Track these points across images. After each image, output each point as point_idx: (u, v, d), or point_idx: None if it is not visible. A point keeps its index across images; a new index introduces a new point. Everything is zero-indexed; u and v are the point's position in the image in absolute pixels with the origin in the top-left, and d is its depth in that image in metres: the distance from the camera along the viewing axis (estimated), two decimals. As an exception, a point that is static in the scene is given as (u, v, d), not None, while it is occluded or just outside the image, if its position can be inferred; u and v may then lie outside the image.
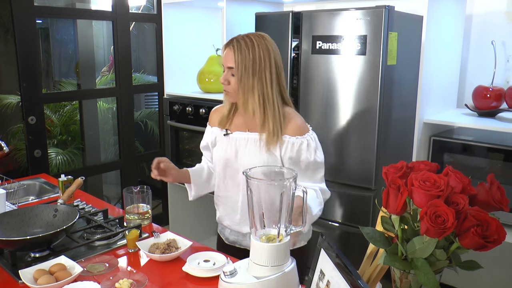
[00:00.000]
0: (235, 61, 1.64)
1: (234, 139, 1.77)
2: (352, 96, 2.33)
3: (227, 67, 1.68)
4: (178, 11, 3.43)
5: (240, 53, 1.64)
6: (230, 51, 1.66)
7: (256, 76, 1.65)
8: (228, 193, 1.83)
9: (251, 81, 1.65)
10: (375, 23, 2.18)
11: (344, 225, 2.48)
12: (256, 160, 1.69)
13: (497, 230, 0.87)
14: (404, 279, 1.02)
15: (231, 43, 1.67)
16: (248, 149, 1.74)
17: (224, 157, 1.78)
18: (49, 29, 5.07)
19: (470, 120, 2.40)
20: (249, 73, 1.64)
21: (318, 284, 1.12)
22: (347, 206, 2.46)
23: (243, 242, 1.86)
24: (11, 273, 1.52)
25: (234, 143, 1.77)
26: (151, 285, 1.48)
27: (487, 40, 2.59)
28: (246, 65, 1.63)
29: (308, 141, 1.71)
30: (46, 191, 2.45)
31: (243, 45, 1.64)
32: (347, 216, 2.47)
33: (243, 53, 1.64)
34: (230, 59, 1.66)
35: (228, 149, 1.78)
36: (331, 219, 2.52)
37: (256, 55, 1.64)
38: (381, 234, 1.06)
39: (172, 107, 3.38)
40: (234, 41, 1.66)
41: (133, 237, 1.72)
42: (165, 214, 3.88)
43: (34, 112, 3.14)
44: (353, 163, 2.39)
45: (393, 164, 1.03)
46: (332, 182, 2.49)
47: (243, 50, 1.64)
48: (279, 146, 1.70)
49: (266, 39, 1.68)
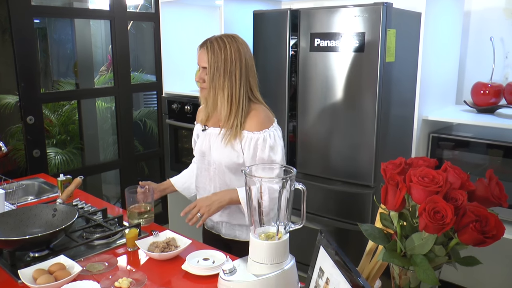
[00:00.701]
0: (208, 61, 1.76)
1: (209, 134, 1.90)
2: (350, 94, 2.33)
3: (202, 66, 1.80)
4: (176, 10, 3.42)
5: (213, 53, 1.75)
6: (204, 52, 1.78)
7: (227, 76, 1.76)
8: (204, 184, 1.96)
9: (222, 80, 1.76)
10: (373, 20, 2.18)
11: (343, 222, 2.48)
12: (221, 154, 1.83)
13: (496, 226, 0.87)
14: (403, 276, 1.02)
15: (205, 44, 1.79)
16: (216, 143, 1.86)
17: (201, 151, 1.92)
18: (46, 29, 5.06)
19: (469, 116, 2.40)
20: (220, 73, 1.75)
21: (318, 281, 1.12)
22: (346, 204, 2.46)
23: (216, 228, 2.01)
24: (10, 273, 1.52)
25: (209, 138, 1.90)
26: (151, 283, 1.48)
27: (485, 36, 2.59)
28: (218, 65, 1.75)
29: (265, 137, 1.78)
30: (45, 191, 2.45)
31: (215, 47, 1.76)
32: (346, 213, 2.47)
33: (216, 54, 1.75)
34: (204, 59, 1.78)
35: (204, 143, 1.91)
36: (329, 216, 2.52)
37: (228, 56, 1.75)
38: (380, 230, 1.06)
39: (170, 105, 3.38)
40: (208, 42, 1.79)
41: (132, 236, 1.72)
42: (164, 213, 3.88)
43: (32, 112, 3.14)
44: (352, 160, 2.39)
45: (392, 161, 1.03)
46: (330, 179, 2.49)
47: (215, 51, 1.75)
48: (239, 141, 1.80)
49: (238, 41, 1.80)
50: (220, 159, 1.83)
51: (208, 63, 1.76)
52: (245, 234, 1.92)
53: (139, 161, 4.45)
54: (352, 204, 2.44)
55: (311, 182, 2.51)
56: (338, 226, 2.50)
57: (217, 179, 1.89)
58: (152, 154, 4.40)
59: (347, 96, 2.34)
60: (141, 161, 4.65)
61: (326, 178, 2.50)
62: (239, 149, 1.80)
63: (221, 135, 1.83)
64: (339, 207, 2.49)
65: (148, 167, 4.79)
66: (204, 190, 1.96)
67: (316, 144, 2.51)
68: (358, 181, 2.39)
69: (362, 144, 2.33)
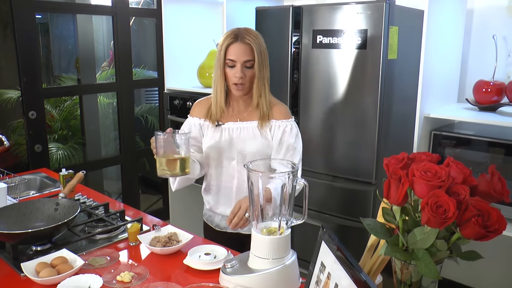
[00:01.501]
0: (256, 54, 1.72)
1: (226, 129, 1.85)
2: (352, 91, 2.33)
3: (243, 61, 1.72)
4: (178, 6, 3.42)
5: (256, 44, 1.72)
6: (247, 45, 1.72)
7: (266, 66, 1.78)
8: (221, 181, 1.90)
9: (265, 71, 1.77)
10: (375, 17, 2.18)
11: (344, 219, 2.48)
12: (253, 145, 1.81)
13: (498, 220, 0.87)
14: (405, 270, 1.03)
15: (244, 37, 1.72)
16: (243, 136, 1.83)
17: (218, 147, 1.85)
18: (48, 24, 5.06)
19: (471, 114, 2.40)
20: (264, 63, 1.76)
21: (319, 276, 1.12)
22: (347, 201, 2.47)
23: None
24: (13, 266, 1.53)
25: (228, 133, 1.85)
26: (152, 278, 1.48)
27: (488, 34, 2.59)
28: (263, 56, 1.74)
29: (292, 125, 1.83)
30: (47, 185, 2.45)
31: (255, 39, 1.73)
32: (347, 210, 2.47)
33: (259, 45, 1.73)
34: (247, 53, 1.72)
35: (222, 138, 1.85)
36: (331, 213, 2.52)
37: (263, 45, 1.76)
38: (382, 225, 1.06)
39: (172, 101, 3.38)
40: (246, 35, 1.72)
41: (134, 230, 1.72)
42: (165, 209, 3.89)
43: (34, 107, 3.14)
44: (353, 157, 2.39)
45: (394, 156, 1.03)
46: (332, 176, 2.49)
47: (257, 42, 1.73)
48: (269, 129, 1.82)
49: None
50: (251, 151, 1.81)
51: (257, 55, 1.72)
52: None
53: (141, 157, 4.46)
54: (354, 201, 2.45)
55: (313, 179, 2.51)
56: (339, 223, 2.50)
57: (236, 174, 1.86)
58: (153, 150, 4.40)
59: (349, 93, 2.35)
60: (143, 157, 4.65)
61: (328, 175, 2.51)
62: (270, 137, 1.82)
63: (252, 127, 1.83)
64: (341, 204, 2.49)
65: (150, 163, 4.80)
66: (220, 187, 1.91)
67: (317, 141, 2.51)
68: (359, 178, 2.40)
69: (364, 141, 2.34)
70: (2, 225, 1.66)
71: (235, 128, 1.84)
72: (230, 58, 1.73)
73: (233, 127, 1.85)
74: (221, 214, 1.95)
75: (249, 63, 1.73)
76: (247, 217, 1.64)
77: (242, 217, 1.65)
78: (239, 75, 1.73)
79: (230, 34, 1.74)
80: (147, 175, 4.92)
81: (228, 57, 1.73)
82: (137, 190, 4.05)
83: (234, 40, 1.72)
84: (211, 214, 1.99)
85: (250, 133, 1.83)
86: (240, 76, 1.73)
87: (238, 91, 1.78)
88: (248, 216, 1.61)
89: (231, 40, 1.73)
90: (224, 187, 1.90)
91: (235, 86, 1.76)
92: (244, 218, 1.65)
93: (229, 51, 1.73)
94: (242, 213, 1.65)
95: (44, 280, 1.41)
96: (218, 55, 1.77)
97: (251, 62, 1.73)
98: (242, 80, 1.74)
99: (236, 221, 1.66)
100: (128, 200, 3.80)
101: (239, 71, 1.73)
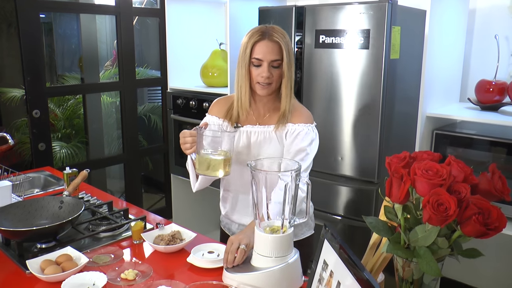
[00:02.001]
0: (285, 52, 1.61)
1: (245, 132, 1.74)
2: (355, 90, 2.34)
3: (270, 60, 1.61)
4: (181, 6, 3.43)
5: (285, 44, 1.62)
6: (275, 44, 1.61)
7: (293, 65, 1.67)
8: (237, 187, 1.81)
9: (292, 70, 1.67)
10: (378, 17, 2.19)
11: (346, 218, 2.49)
12: (266, 149, 1.71)
13: (498, 218, 0.88)
14: (406, 268, 1.04)
15: (272, 35, 1.61)
16: (259, 140, 1.72)
17: (235, 151, 1.72)
18: (52, 24, 5.08)
19: (473, 114, 2.41)
20: (291, 63, 1.65)
21: (322, 274, 1.13)
22: (349, 200, 2.48)
23: None
24: (18, 264, 1.55)
25: (246, 136, 1.74)
26: (156, 276, 1.49)
27: (490, 34, 2.59)
28: (290, 56, 1.64)
29: (308, 130, 1.71)
30: (51, 183, 2.47)
31: (283, 37, 1.62)
32: (349, 209, 2.48)
33: (287, 44, 1.63)
34: (275, 52, 1.61)
35: (240, 142, 1.74)
36: (333, 212, 2.53)
37: (290, 44, 1.65)
38: (384, 223, 1.07)
39: (175, 101, 3.39)
40: (273, 32, 1.62)
41: (138, 228, 1.73)
42: (168, 208, 3.90)
43: (38, 106, 3.16)
44: (356, 156, 2.40)
45: (396, 154, 1.05)
46: (335, 175, 2.50)
47: (285, 40, 1.63)
48: (285, 133, 1.71)
49: None
50: (265, 156, 1.68)
51: (285, 54, 1.61)
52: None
53: (144, 156, 4.48)
54: (356, 200, 2.46)
55: (315, 178, 2.52)
56: (341, 222, 2.51)
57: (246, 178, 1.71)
58: (156, 149, 4.42)
59: (351, 93, 2.35)
60: (146, 155, 4.67)
61: (330, 174, 2.52)
62: (285, 142, 1.72)
63: (269, 130, 1.71)
64: (343, 203, 2.50)
65: (153, 162, 4.82)
66: (237, 192, 1.82)
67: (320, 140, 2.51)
68: (362, 177, 2.40)
69: (366, 141, 2.35)
70: (7, 222, 1.67)
71: (253, 132, 1.73)
72: (256, 57, 1.61)
73: (251, 130, 1.74)
74: (237, 223, 1.86)
75: (276, 63, 1.62)
76: (243, 248, 1.45)
77: (236, 251, 1.45)
78: (265, 74, 1.61)
79: (257, 31, 1.62)
80: (150, 174, 4.94)
81: (254, 56, 1.61)
82: (140, 189, 4.07)
83: (261, 38, 1.61)
84: (228, 222, 1.91)
85: (266, 136, 1.72)
86: (266, 76, 1.62)
87: (263, 89, 1.65)
88: (245, 247, 1.45)
89: (258, 38, 1.61)
90: (241, 192, 1.80)
91: (259, 85, 1.65)
92: (241, 251, 1.44)
93: (255, 49, 1.61)
94: (235, 247, 1.45)
95: (49, 277, 1.42)
96: (242, 53, 1.64)
97: (278, 62, 1.62)
98: (268, 80, 1.63)
99: (231, 257, 1.44)
100: (131, 199, 3.81)
101: (265, 70, 1.61)
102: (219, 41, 3.39)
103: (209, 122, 1.78)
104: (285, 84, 1.66)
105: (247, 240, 1.46)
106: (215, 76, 3.29)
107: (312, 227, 1.92)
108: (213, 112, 1.82)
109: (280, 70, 1.64)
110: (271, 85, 1.65)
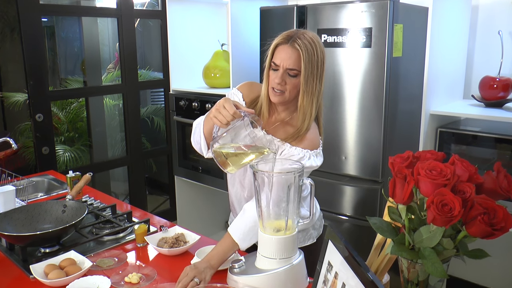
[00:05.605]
0: (304, 63, 1.47)
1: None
2: (358, 89, 2.33)
3: (286, 67, 1.49)
4: (182, 7, 3.43)
5: (308, 54, 1.47)
6: (295, 52, 1.48)
7: (318, 80, 1.52)
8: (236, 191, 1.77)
9: (315, 86, 1.52)
10: (380, 15, 2.18)
11: (350, 218, 2.48)
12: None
13: (504, 218, 0.87)
14: (411, 269, 1.03)
15: (295, 40, 1.48)
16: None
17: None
18: (54, 27, 5.09)
19: (477, 110, 2.39)
20: (314, 76, 1.50)
21: (326, 276, 1.12)
22: (353, 199, 2.47)
23: None
24: (22, 268, 1.54)
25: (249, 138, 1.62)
26: (160, 279, 1.49)
27: (493, 30, 2.58)
28: (313, 68, 1.49)
29: (304, 155, 1.58)
30: (55, 187, 2.47)
31: (308, 46, 1.48)
32: (353, 209, 2.47)
33: (311, 54, 1.48)
34: (293, 60, 1.48)
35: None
36: (338, 211, 2.52)
37: (319, 55, 1.50)
38: (388, 224, 1.06)
39: (178, 102, 3.39)
40: (298, 38, 1.48)
41: (141, 231, 1.73)
42: (172, 210, 3.90)
43: (41, 110, 3.16)
44: (359, 156, 2.39)
45: (399, 154, 1.03)
46: (339, 175, 2.49)
47: (309, 51, 1.48)
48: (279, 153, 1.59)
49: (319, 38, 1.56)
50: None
51: (304, 64, 1.47)
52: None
53: (147, 158, 4.48)
54: (361, 199, 2.44)
55: (318, 178, 2.51)
56: (346, 222, 2.50)
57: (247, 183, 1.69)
58: (160, 151, 4.42)
59: (354, 92, 2.34)
60: (149, 158, 4.67)
61: (334, 174, 2.51)
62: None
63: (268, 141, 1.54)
64: (348, 202, 2.49)
65: (156, 164, 4.82)
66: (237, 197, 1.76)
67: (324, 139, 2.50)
68: (365, 177, 2.39)
69: (370, 139, 2.33)
70: (11, 227, 1.68)
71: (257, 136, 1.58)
72: (274, 61, 1.51)
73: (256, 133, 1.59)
74: None
75: (293, 72, 1.49)
76: (196, 282, 1.38)
77: (187, 284, 1.38)
78: (277, 81, 1.50)
79: (285, 33, 1.52)
80: (154, 176, 4.94)
81: (273, 59, 1.52)
82: (144, 191, 4.07)
83: (284, 42, 1.50)
84: None
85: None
86: (277, 82, 1.50)
87: (274, 96, 1.54)
88: (198, 281, 1.38)
89: (280, 40, 1.51)
90: (237, 196, 1.77)
91: (273, 91, 1.54)
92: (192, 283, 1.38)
93: (275, 53, 1.52)
94: (187, 280, 1.38)
95: (53, 282, 1.42)
96: (268, 54, 1.55)
97: (295, 72, 1.49)
98: (280, 87, 1.51)
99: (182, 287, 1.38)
100: (135, 201, 3.81)
101: (278, 76, 1.50)
102: (221, 42, 3.39)
103: (231, 96, 1.68)
104: (302, 97, 1.52)
105: (203, 276, 1.41)
106: (218, 77, 3.29)
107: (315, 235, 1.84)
108: (243, 90, 1.71)
109: (297, 80, 1.51)
110: (284, 94, 1.53)
